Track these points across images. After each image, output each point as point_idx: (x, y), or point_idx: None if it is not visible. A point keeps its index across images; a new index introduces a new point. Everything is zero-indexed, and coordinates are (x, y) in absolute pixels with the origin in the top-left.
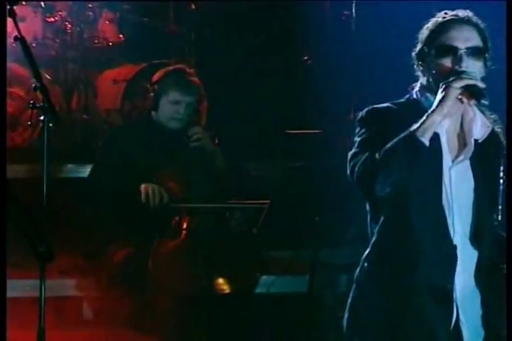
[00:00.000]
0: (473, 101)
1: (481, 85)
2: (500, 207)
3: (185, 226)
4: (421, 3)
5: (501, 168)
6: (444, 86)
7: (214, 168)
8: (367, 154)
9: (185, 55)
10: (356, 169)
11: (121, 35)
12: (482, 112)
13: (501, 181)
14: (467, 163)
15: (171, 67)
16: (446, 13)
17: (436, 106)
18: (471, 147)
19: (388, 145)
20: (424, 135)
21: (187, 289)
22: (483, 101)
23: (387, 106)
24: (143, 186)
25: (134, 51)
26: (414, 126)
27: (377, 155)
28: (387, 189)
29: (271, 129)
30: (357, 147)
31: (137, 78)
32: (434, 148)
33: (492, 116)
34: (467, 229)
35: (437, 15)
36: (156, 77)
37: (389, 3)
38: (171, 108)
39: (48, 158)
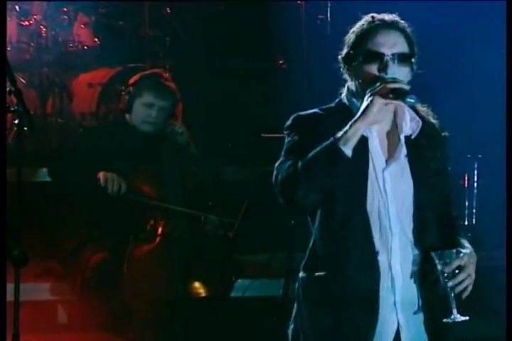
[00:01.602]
0: (398, 102)
1: (406, 87)
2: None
3: (160, 229)
4: (396, 6)
5: (444, 159)
6: (369, 93)
7: (189, 171)
8: (289, 162)
9: (160, 58)
10: (279, 177)
11: (96, 39)
12: (412, 106)
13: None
14: (403, 161)
15: (147, 71)
16: (373, 17)
17: (360, 115)
18: (402, 145)
19: (310, 154)
20: (346, 144)
21: (162, 293)
22: (408, 100)
23: (314, 112)
24: (101, 173)
25: (109, 55)
26: (337, 135)
27: (299, 164)
28: (311, 197)
29: (247, 133)
30: (283, 155)
31: (112, 82)
32: (360, 153)
33: (424, 108)
34: (408, 230)
35: (364, 19)
36: (132, 79)
37: (364, 7)
38: (143, 111)
39: (22, 162)
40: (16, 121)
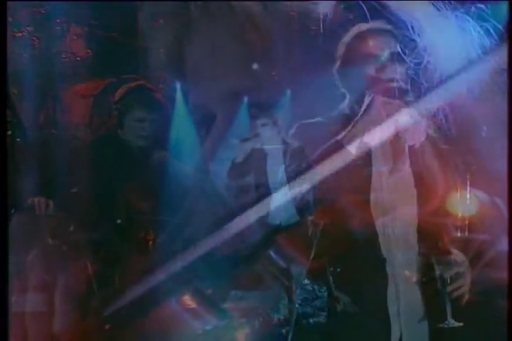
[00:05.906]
0: (398, 101)
1: (404, 86)
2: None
3: (152, 241)
4: (391, 17)
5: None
6: (369, 94)
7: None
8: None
9: (153, 70)
10: None
11: (89, 50)
12: (414, 115)
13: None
14: (407, 171)
15: (132, 84)
16: (359, 26)
17: (362, 114)
18: (405, 155)
19: (315, 154)
20: (351, 142)
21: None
22: (407, 99)
23: (317, 121)
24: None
25: (102, 66)
26: (341, 135)
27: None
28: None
29: None
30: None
31: (105, 93)
32: (364, 160)
33: (426, 119)
34: (412, 237)
35: (352, 30)
36: (118, 94)
37: (358, 18)
38: (136, 126)
39: (15, 174)
40: (9, 133)
